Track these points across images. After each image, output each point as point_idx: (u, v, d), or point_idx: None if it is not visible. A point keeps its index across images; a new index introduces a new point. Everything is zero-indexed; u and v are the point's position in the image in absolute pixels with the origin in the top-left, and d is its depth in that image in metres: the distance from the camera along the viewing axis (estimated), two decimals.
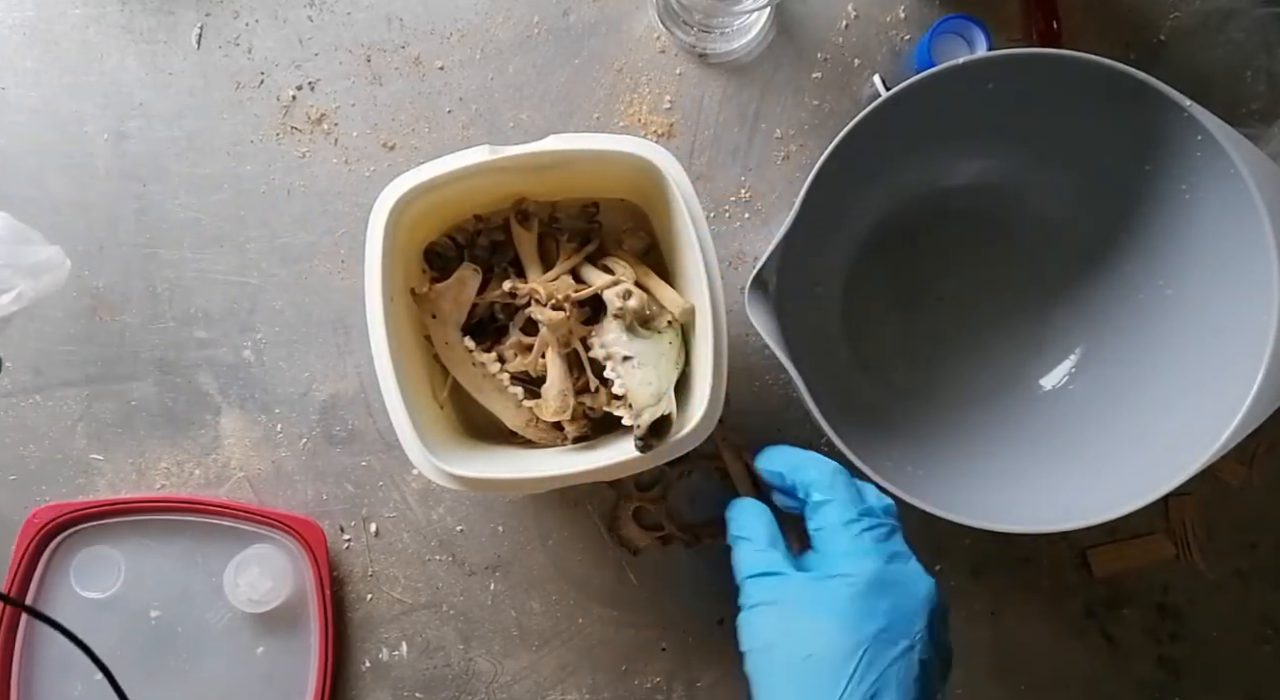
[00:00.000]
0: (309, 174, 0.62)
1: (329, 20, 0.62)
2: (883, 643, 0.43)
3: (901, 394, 0.61)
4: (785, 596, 0.46)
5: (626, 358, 0.52)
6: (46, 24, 0.62)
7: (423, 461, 0.50)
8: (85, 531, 0.60)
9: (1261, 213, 0.49)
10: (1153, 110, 0.51)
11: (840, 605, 0.44)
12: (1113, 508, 0.50)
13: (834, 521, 0.47)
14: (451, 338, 0.55)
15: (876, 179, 0.58)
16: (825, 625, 0.44)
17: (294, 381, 0.62)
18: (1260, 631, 0.64)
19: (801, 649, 0.44)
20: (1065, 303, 0.61)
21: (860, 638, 0.43)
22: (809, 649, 0.43)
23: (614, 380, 0.52)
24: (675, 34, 0.62)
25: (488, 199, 0.56)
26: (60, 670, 0.59)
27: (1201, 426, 0.51)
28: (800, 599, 0.45)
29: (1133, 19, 0.64)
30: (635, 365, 0.52)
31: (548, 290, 0.53)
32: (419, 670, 0.61)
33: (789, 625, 0.45)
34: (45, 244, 0.40)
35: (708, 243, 0.51)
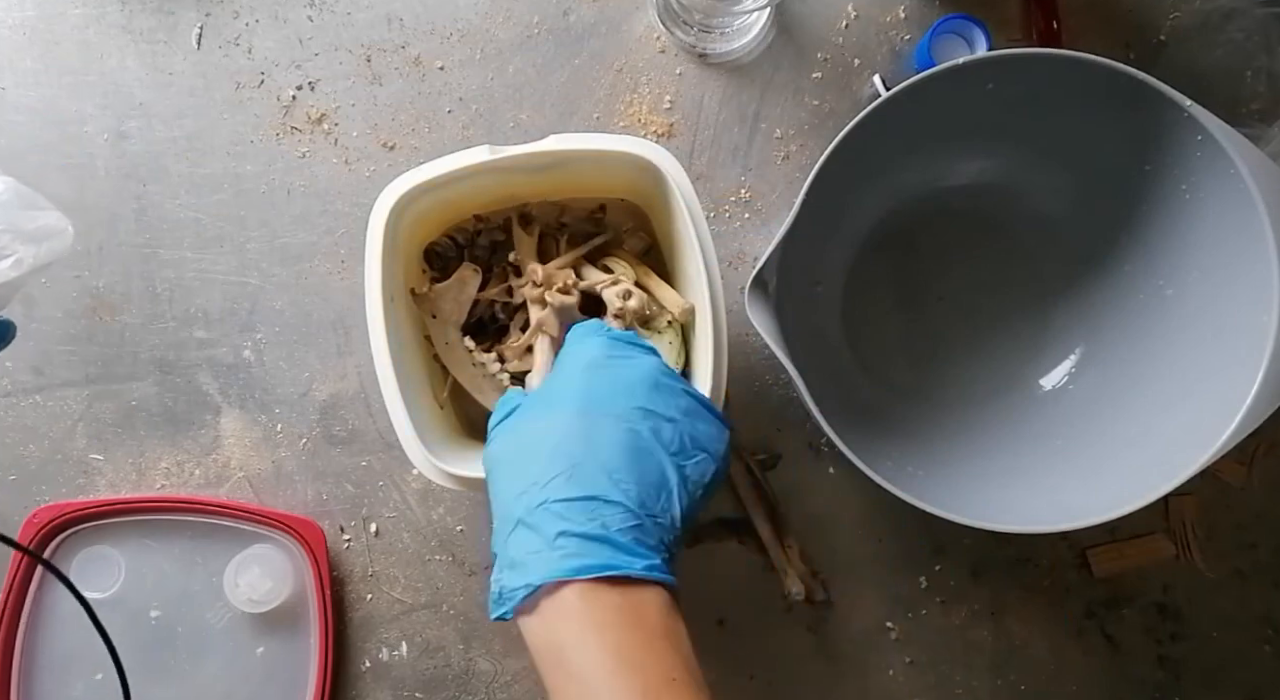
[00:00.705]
0: (309, 174, 0.62)
1: (329, 20, 0.62)
2: (593, 418, 0.41)
3: (901, 394, 0.61)
4: (516, 418, 0.44)
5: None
6: (46, 24, 0.62)
7: (423, 461, 0.50)
8: (85, 531, 0.60)
9: (1261, 213, 0.49)
10: (1153, 110, 0.51)
11: (556, 395, 0.43)
12: (1113, 508, 0.50)
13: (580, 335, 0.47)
14: (451, 338, 0.55)
15: (876, 179, 0.58)
16: (543, 417, 0.42)
17: (294, 381, 0.62)
18: (1260, 631, 0.64)
19: (520, 446, 0.42)
20: (1065, 303, 0.61)
21: (569, 417, 0.41)
22: (526, 443, 0.42)
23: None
24: (675, 34, 0.62)
25: (488, 199, 0.56)
26: (60, 670, 0.59)
27: (1201, 426, 0.50)
28: (528, 410, 0.44)
29: (1133, 19, 0.64)
30: None
31: (547, 272, 0.53)
32: (419, 670, 0.61)
33: (514, 432, 0.43)
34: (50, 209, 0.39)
35: (708, 243, 0.51)
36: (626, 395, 0.42)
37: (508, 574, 0.39)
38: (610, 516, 0.38)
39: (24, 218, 0.38)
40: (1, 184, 0.38)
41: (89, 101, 0.62)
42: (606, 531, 0.38)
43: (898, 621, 0.62)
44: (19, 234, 0.38)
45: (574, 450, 0.40)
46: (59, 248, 0.39)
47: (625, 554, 0.38)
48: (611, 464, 0.40)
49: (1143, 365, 0.57)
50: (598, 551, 0.38)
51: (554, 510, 0.38)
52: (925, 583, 0.63)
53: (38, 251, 0.38)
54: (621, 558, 0.38)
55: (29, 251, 0.38)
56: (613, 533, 0.38)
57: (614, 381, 0.42)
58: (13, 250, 0.37)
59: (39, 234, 0.38)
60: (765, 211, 0.63)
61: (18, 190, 0.39)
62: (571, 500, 0.39)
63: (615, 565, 0.37)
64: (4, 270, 0.37)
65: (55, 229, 0.39)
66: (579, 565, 0.37)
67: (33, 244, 0.38)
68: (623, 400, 0.41)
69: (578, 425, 0.41)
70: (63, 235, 0.39)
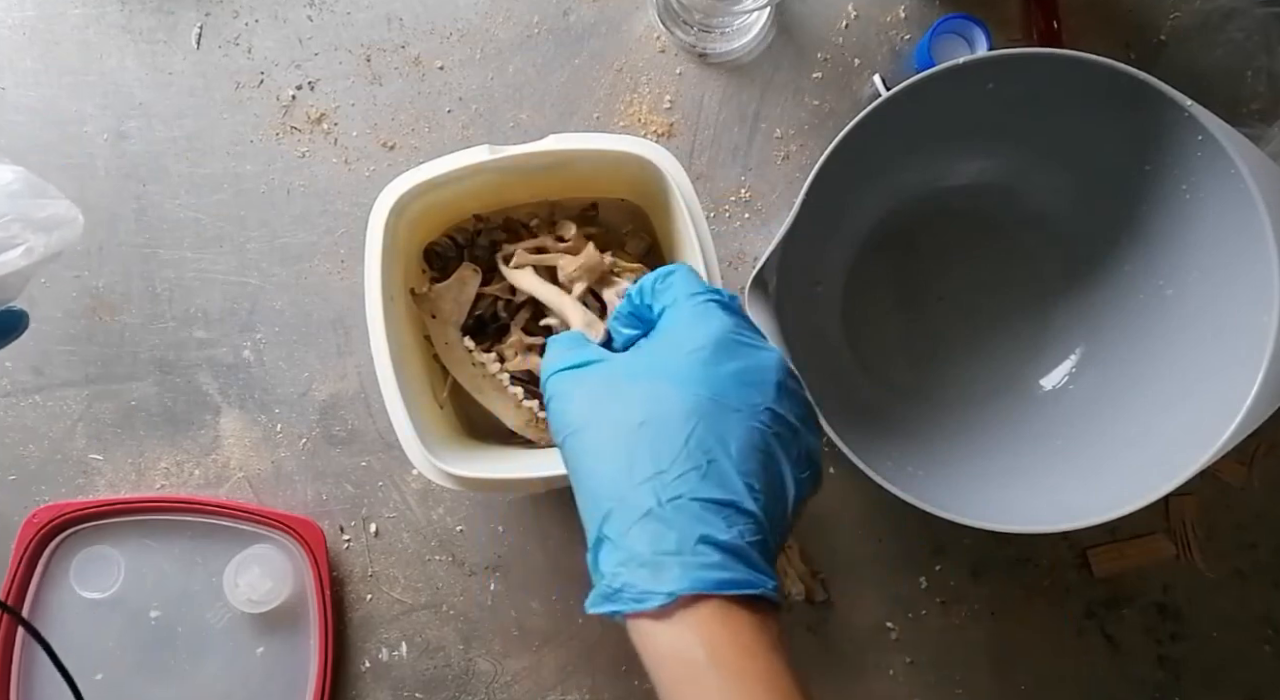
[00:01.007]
0: (309, 174, 0.62)
1: (329, 20, 0.62)
2: (725, 409, 0.37)
3: (901, 394, 0.61)
4: (604, 376, 0.40)
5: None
6: (46, 24, 0.62)
7: (423, 461, 0.50)
8: (85, 531, 0.60)
9: (1261, 213, 0.49)
10: (1153, 110, 0.51)
11: (678, 369, 0.38)
12: (1113, 508, 0.50)
13: (679, 296, 0.41)
14: (451, 338, 0.55)
15: (876, 179, 0.58)
16: (659, 389, 0.38)
17: (294, 381, 0.62)
18: (1260, 631, 0.64)
19: (632, 417, 0.37)
20: (1065, 303, 0.61)
21: (697, 401, 0.37)
22: (641, 416, 0.37)
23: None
24: (675, 34, 0.62)
25: (488, 199, 0.56)
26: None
27: (1201, 426, 0.50)
28: (626, 371, 0.39)
29: (1133, 19, 0.64)
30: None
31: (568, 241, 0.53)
32: (419, 670, 0.61)
33: (613, 397, 0.38)
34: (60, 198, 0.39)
35: (708, 243, 0.51)
36: (759, 391, 0.38)
37: (638, 572, 0.35)
38: (745, 527, 0.36)
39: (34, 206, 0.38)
40: (11, 173, 0.38)
41: (89, 101, 0.62)
42: (744, 544, 0.35)
43: (898, 621, 0.62)
44: (29, 223, 0.37)
45: (709, 443, 0.36)
46: (69, 236, 0.39)
47: (760, 573, 0.36)
48: (745, 467, 0.36)
49: (1143, 365, 0.57)
50: (738, 567, 0.35)
51: (691, 509, 0.35)
52: (925, 583, 0.63)
53: (48, 240, 0.38)
54: (757, 576, 0.35)
55: (39, 240, 0.38)
56: (747, 546, 0.36)
57: (746, 372, 0.38)
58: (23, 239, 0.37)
59: (49, 223, 0.38)
60: (765, 211, 0.63)
61: (28, 179, 0.38)
62: (710, 502, 0.35)
63: (754, 583, 0.35)
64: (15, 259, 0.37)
65: (65, 218, 0.39)
66: (724, 579, 0.34)
67: (43, 233, 0.38)
68: (756, 396, 0.38)
69: (712, 414, 0.37)
70: (73, 224, 0.39)
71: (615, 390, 0.39)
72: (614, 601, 0.36)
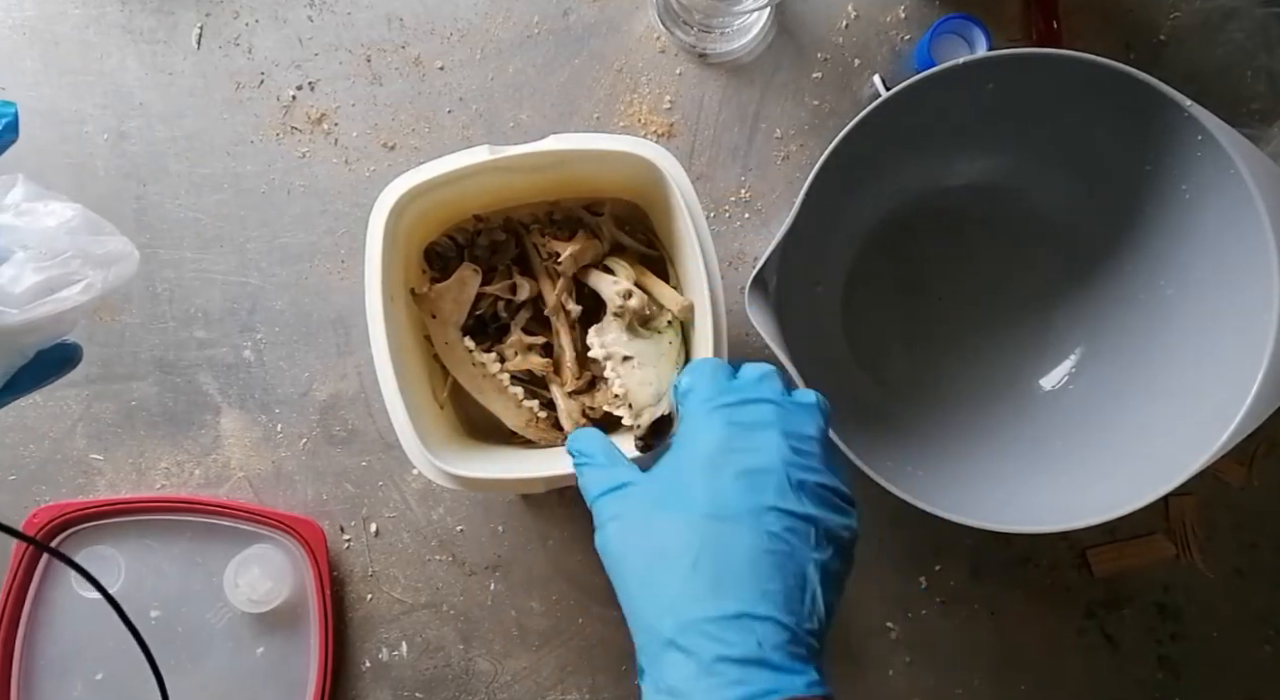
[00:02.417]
0: (309, 174, 0.62)
1: (329, 20, 0.62)
2: (726, 523, 0.38)
3: (901, 394, 0.61)
4: (633, 504, 0.41)
5: (626, 358, 0.52)
6: (46, 24, 0.62)
7: (423, 461, 0.50)
8: (85, 531, 0.60)
9: (1261, 213, 0.49)
10: (1153, 110, 0.51)
11: (681, 494, 0.40)
12: (1113, 508, 0.50)
13: (689, 402, 0.43)
14: (451, 338, 0.55)
15: (876, 179, 0.58)
16: (669, 519, 0.39)
17: (294, 381, 0.62)
18: (1260, 631, 0.64)
19: (652, 549, 0.39)
20: (1065, 303, 0.61)
21: (700, 523, 0.38)
22: (658, 547, 0.39)
23: (614, 380, 0.52)
24: (675, 34, 0.62)
25: (488, 199, 0.56)
26: (60, 670, 0.59)
27: (1202, 426, 0.50)
28: (647, 500, 0.41)
29: (1133, 19, 0.64)
30: (635, 365, 0.52)
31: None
32: (419, 670, 0.61)
33: (639, 529, 0.40)
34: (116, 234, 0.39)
35: (708, 243, 0.51)
36: (757, 494, 0.39)
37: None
38: (764, 633, 0.37)
39: (93, 243, 0.38)
40: (70, 211, 0.39)
41: (89, 101, 0.62)
42: (763, 652, 0.36)
43: (898, 621, 0.62)
44: (90, 259, 0.38)
45: (713, 561, 0.38)
46: (126, 272, 0.39)
47: (785, 674, 0.36)
48: (754, 574, 0.38)
49: (1143, 365, 0.57)
50: (757, 676, 0.36)
51: (706, 631, 0.37)
52: (925, 583, 0.63)
53: (106, 276, 0.38)
54: (783, 680, 0.36)
55: (99, 276, 0.38)
56: (769, 652, 0.36)
57: (740, 479, 0.39)
58: (83, 275, 0.38)
59: (107, 259, 0.39)
60: (765, 211, 0.63)
61: (86, 216, 0.39)
62: (721, 619, 0.37)
63: (778, 690, 0.36)
64: (75, 295, 0.37)
65: (122, 253, 0.39)
66: (742, 695, 0.35)
67: (102, 269, 0.38)
68: (755, 499, 0.39)
69: (713, 532, 0.38)
70: (129, 259, 0.40)
71: (638, 519, 0.40)
72: None
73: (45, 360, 0.40)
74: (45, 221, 0.38)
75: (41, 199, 0.38)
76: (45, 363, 0.40)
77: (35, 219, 0.38)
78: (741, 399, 0.42)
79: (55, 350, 0.40)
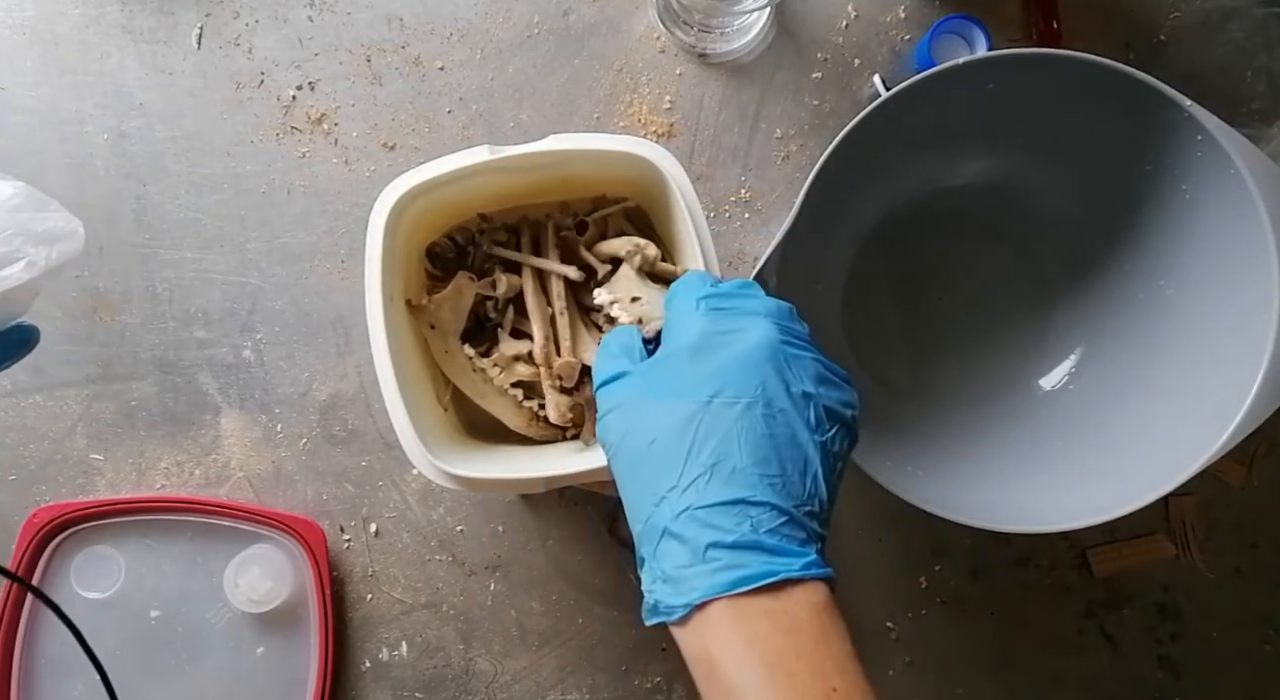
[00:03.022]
0: (309, 174, 0.62)
1: (329, 20, 0.62)
2: (717, 408, 0.38)
3: (901, 394, 0.61)
4: (629, 392, 0.41)
5: (635, 298, 0.51)
6: (46, 24, 0.62)
7: (423, 461, 0.50)
8: (85, 531, 0.60)
9: (1261, 213, 0.49)
10: (1153, 110, 0.51)
11: (671, 379, 0.39)
12: (1113, 508, 0.50)
13: (675, 299, 0.43)
14: (451, 346, 0.55)
15: (876, 179, 0.58)
16: (661, 405, 0.39)
17: (294, 381, 0.62)
18: (1260, 631, 0.64)
19: (644, 437, 0.39)
20: (1065, 303, 0.61)
21: (691, 408, 0.38)
22: (651, 435, 0.39)
23: (621, 318, 0.50)
24: (675, 34, 0.62)
25: (488, 199, 0.56)
26: (60, 670, 0.59)
27: (1201, 426, 0.50)
28: (642, 388, 0.41)
29: (1133, 19, 0.64)
30: (644, 304, 0.51)
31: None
32: (419, 670, 0.61)
33: (634, 417, 0.40)
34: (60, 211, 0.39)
35: (708, 243, 0.50)
36: (748, 376, 0.38)
37: (662, 588, 0.37)
38: (759, 517, 0.36)
39: (34, 220, 0.38)
40: (11, 188, 0.39)
41: (89, 101, 0.62)
42: (757, 535, 0.36)
43: (898, 621, 0.62)
44: (30, 236, 0.38)
45: (708, 447, 0.37)
46: (70, 249, 0.39)
47: (780, 557, 0.36)
48: (751, 458, 0.37)
49: (1143, 365, 0.57)
50: (751, 560, 0.36)
51: (699, 518, 0.36)
52: (925, 583, 0.63)
53: (49, 253, 0.38)
54: (777, 561, 0.36)
55: (40, 253, 0.38)
56: (763, 535, 0.36)
57: (730, 363, 0.39)
58: (24, 253, 0.38)
59: (49, 236, 0.39)
60: (765, 211, 0.63)
61: (29, 193, 0.39)
62: (715, 505, 0.37)
63: (771, 572, 0.36)
64: (17, 273, 0.37)
65: (66, 231, 0.39)
66: (735, 578, 0.36)
67: (44, 246, 0.38)
68: (748, 382, 0.38)
69: (706, 418, 0.38)
70: (73, 237, 0.40)
71: (636, 409, 0.40)
72: (654, 615, 0.38)
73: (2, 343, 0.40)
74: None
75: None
76: (2, 345, 0.40)
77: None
78: (725, 292, 0.42)
79: (12, 332, 0.40)
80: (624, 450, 0.40)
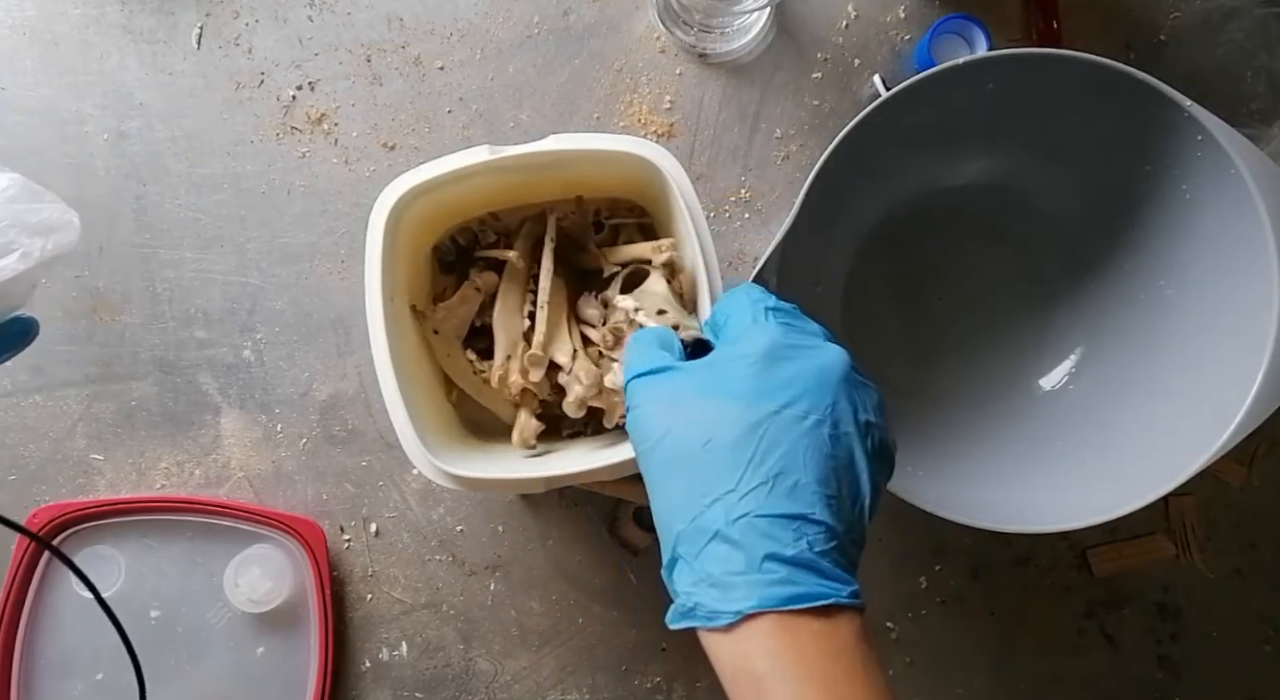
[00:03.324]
0: (309, 174, 0.62)
1: (329, 20, 0.62)
2: (786, 419, 0.37)
3: (901, 394, 0.61)
4: (675, 388, 0.40)
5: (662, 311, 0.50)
6: (46, 24, 0.62)
7: (423, 461, 0.50)
8: (85, 531, 0.60)
9: (1261, 213, 0.49)
10: (1153, 110, 0.51)
11: (736, 383, 0.38)
12: (1113, 508, 0.50)
13: (736, 308, 0.42)
14: (454, 350, 0.55)
15: (876, 179, 0.58)
16: (721, 406, 0.38)
17: (294, 381, 0.62)
18: (1260, 631, 0.64)
19: (696, 436, 0.38)
20: (1065, 303, 0.61)
21: (759, 415, 0.37)
22: (706, 435, 0.38)
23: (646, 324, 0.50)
24: (675, 34, 0.62)
25: (488, 199, 0.56)
26: (60, 670, 0.59)
27: (1201, 426, 0.50)
28: (692, 386, 0.40)
29: (1133, 19, 0.64)
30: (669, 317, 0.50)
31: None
32: (419, 670, 0.61)
33: (681, 414, 0.39)
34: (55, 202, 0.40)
35: (708, 243, 0.50)
36: (822, 393, 0.38)
37: (708, 593, 0.36)
38: (814, 536, 0.36)
39: (29, 212, 0.38)
40: (6, 180, 0.39)
41: (89, 101, 0.62)
42: (813, 554, 0.36)
43: (898, 621, 0.62)
44: (24, 227, 0.38)
45: (773, 456, 0.37)
46: (65, 240, 0.39)
47: (832, 580, 0.36)
48: (815, 475, 0.37)
49: (1143, 365, 0.57)
50: (806, 578, 0.36)
51: (758, 526, 0.36)
52: (925, 583, 0.63)
53: (44, 244, 0.38)
54: (829, 585, 0.36)
55: (35, 244, 0.38)
56: (817, 555, 0.36)
57: (805, 376, 0.38)
58: (19, 244, 0.38)
59: (43, 227, 0.39)
60: (765, 211, 0.63)
61: (24, 185, 0.39)
62: (777, 517, 0.36)
63: (824, 593, 0.35)
64: (12, 263, 0.37)
65: (60, 222, 0.39)
66: (790, 593, 0.35)
67: (39, 237, 0.38)
68: (820, 399, 0.38)
69: (774, 427, 0.37)
70: (68, 227, 0.40)
71: (683, 406, 0.39)
72: (689, 618, 0.37)
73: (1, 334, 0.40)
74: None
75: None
76: (1, 337, 0.40)
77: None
78: (789, 310, 0.42)
79: (11, 324, 0.40)
80: (666, 446, 0.39)
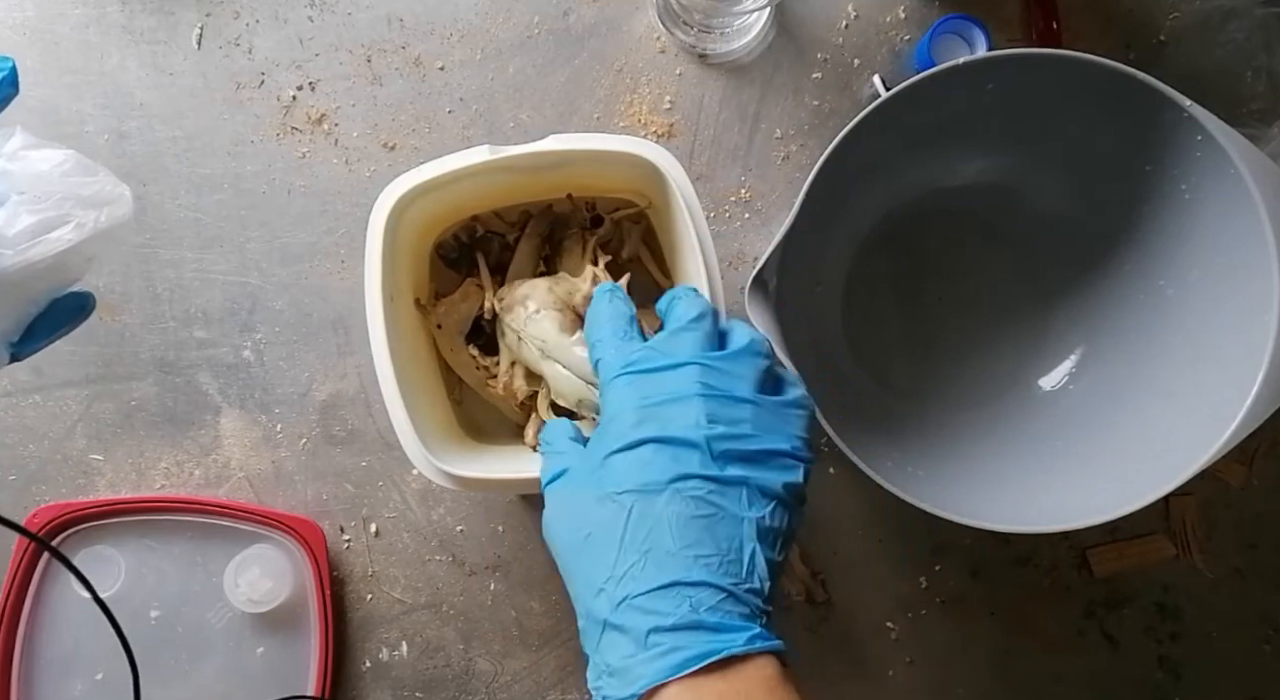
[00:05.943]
0: (309, 174, 0.62)
1: (329, 20, 0.62)
2: (646, 492, 0.37)
3: (901, 394, 0.61)
4: (567, 490, 0.41)
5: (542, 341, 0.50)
6: (46, 24, 0.62)
7: (423, 461, 0.50)
8: (85, 531, 0.60)
9: (1261, 213, 0.49)
10: (1153, 110, 0.51)
11: (600, 466, 0.39)
12: (1113, 508, 0.50)
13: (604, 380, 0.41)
14: (457, 345, 0.56)
15: (876, 179, 0.58)
16: (594, 497, 0.39)
17: (294, 381, 0.62)
18: (1260, 631, 0.64)
19: (581, 530, 0.39)
20: (1065, 303, 0.61)
21: (624, 497, 0.38)
22: (586, 529, 0.38)
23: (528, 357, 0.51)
24: (675, 34, 0.62)
25: (488, 199, 0.56)
26: (60, 670, 0.59)
27: (1202, 426, 0.50)
28: (577, 482, 0.40)
29: (1133, 19, 0.64)
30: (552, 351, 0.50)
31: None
32: (419, 670, 0.61)
33: (569, 513, 0.40)
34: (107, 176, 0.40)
35: (708, 243, 0.50)
36: (678, 460, 0.38)
37: (609, 682, 0.37)
38: (697, 597, 0.36)
39: (82, 184, 0.39)
40: (62, 155, 0.40)
41: (89, 101, 0.62)
42: (697, 615, 0.36)
43: (898, 621, 0.62)
44: (79, 200, 0.39)
45: (640, 534, 0.37)
46: (118, 213, 0.40)
47: (723, 633, 0.36)
48: (682, 541, 0.37)
49: (1143, 365, 0.57)
50: (692, 640, 0.35)
51: (637, 605, 0.36)
52: (925, 583, 0.63)
53: (98, 216, 0.39)
54: (720, 638, 0.35)
55: (89, 216, 0.39)
56: (704, 614, 0.36)
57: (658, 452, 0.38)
58: (73, 216, 0.38)
59: (96, 199, 0.40)
60: (765, 211, 0.63)
61: (78, 160, 0.40)
62: (652, 591, 0.36)
63: (714, 650, 0.35)
64: (68, 234, 0.38)
65: (113, 195, 0.40)
66: (679, 661, 0.35)
67: (92, 209, 0.39)
68: (675, 469, 0.38)
69: (638, 504, 0.37)
70: (121, 200, 0.40)
71: (571, 505, 0.40)
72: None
73: (59, 308, 0.41)
74: (39, 166, 0.39)
75: (37, 147, 0.39)
76: (60, 310, 0.41)
77: (29, 165, 0.39)
78: (653, 367, 0.40)
79: (69, 299, 0.42)
80: (561, 549, 0.39)
